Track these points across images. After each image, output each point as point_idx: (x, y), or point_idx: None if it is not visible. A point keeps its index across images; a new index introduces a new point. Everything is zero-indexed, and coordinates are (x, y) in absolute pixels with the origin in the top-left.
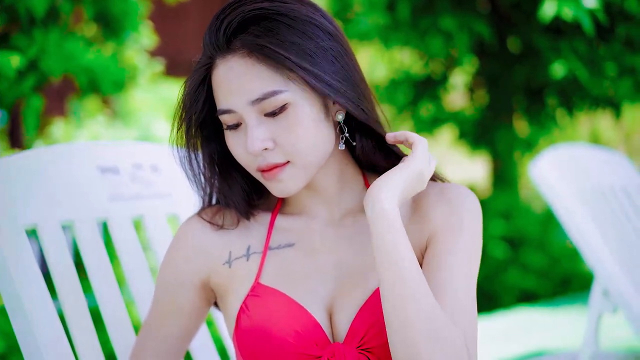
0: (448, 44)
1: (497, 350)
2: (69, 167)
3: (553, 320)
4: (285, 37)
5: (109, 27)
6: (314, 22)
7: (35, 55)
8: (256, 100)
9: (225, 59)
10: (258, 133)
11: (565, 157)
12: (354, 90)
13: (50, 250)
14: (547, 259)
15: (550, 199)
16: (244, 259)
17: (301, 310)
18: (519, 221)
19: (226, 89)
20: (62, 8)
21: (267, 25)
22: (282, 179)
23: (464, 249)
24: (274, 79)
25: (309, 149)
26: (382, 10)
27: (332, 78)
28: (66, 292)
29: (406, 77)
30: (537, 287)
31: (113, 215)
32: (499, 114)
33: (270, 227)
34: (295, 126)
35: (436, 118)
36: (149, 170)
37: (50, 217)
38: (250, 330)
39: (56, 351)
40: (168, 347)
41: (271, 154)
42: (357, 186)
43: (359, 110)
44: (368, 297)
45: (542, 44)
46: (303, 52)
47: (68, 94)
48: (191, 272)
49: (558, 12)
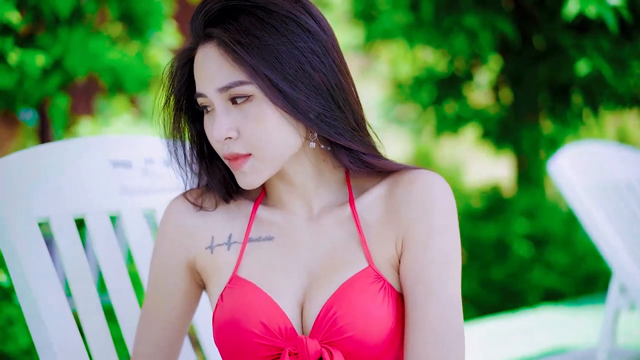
0: (471, 42)
1: (517, 348)
2: (82, 161)
3: (576, 318)
4: (256, 34)
5: (133, 27)
6: (293, 18)
7: (59, 55)
8: (222, 88)
9: (203, 45)
10: (223, 121)
11: (584, 154)
12: (319, 97)
13: (61, 242)
14: (572, 258)
15: (568, 195)
16: (225, 247)
17: (270, 302)
18: (544, 220)
19: (199, 74)
20: (87, 8)
21: (242, 20)
22: (244, 171)
23: (443, 255)
24: (240, 70)
25: (270, 143)
26: (406, 9)
27: (293, 85)
28: (78, 284)
29: (430, 75)
30: (562, 285)
31: (124, 208)
32: (524, 112)
33: (251, 217)
34: (257, 119)
35: (460, 116)
36: (161, 164)
37: (62, 210)
38: (223, 322)
39: (66, 340)
40: (166, 332)
41: (234, 144)
42: (335, 182)
43: (318, 121)
44: (334, 292)
45: (566, 42)
46: (270, 54)
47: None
48: (177, 254)
49: (582, 9)
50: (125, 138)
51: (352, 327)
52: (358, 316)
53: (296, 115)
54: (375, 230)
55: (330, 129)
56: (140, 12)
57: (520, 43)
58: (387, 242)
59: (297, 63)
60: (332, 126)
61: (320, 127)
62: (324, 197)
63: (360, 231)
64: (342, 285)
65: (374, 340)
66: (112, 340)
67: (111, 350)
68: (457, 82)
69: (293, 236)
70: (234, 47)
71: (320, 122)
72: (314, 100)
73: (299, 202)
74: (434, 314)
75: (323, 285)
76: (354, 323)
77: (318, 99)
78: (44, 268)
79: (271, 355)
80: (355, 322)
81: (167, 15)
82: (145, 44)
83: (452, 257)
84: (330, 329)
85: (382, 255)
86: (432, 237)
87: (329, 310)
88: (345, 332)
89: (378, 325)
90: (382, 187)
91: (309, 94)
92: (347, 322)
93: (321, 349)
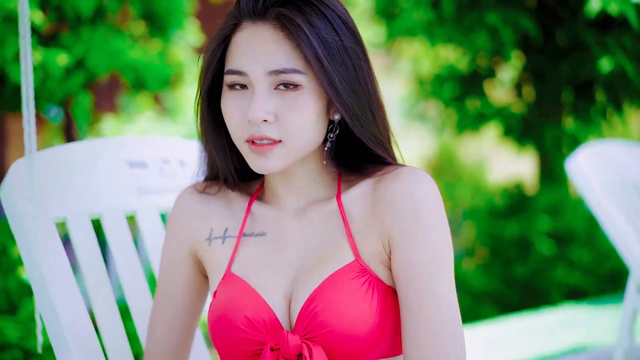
0: (493, 40)
1: (538, 346)
2: (98, 161)
3: (598, 317)
4: (317, 26)
5: (155, 25)
6: (343, 18)
7: (82, 54)
8: (275, 71)
9: (255, 24)
10: (264, 103)
11: (602, 152)
12: (358, 98)
13: (78, 242)
14: (595, 256)
15: (586, 194)
16: (220, 240)
17: (256, 298)
18: (567, 217)
19: (247, 52)
20: (109, 7)
21: (305, 8)
22: (268, 156)
23: (431, 255)
24: (297, 58)
25: (304, 134)
26: (427, 7)
27: (342, 83)
28: (94, 284)
29: (451, 73)
30: (585, 283)
31: (140, 208)
32: (546, 109)
33: (246, 213)
34: (300, 108)
35: (482, 114)
36: (177, 164)
37: (79, 210)
38: (215, 318)
39: (82, 338)
40: (175, 320)
41: (268, 128)
42: (328, 180)
43: (355, 121)
44: (317, 286)
45: (589, 39)
46: (328, 48)
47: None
48: (183, 243)
49: (604, 6)
50: (141, 139)
51: (331, 322)
52: (338, 310)
53: (342, 112)
54: (361, 224)
55: (363, 131)
56: (162, 11)
57: (543, 40)
58: (373, 237)
59: (347, 61)
60: (365, 129)
61: (355, 128)
62: (314, 193)
63: (346, 225)
64: (325, 279)
65: (356, 335)
66: (128, 338)
67: (126, 348)
68: (479, 80)
69: (282, 232)
70: (298, 33)
71: (357, 122)
72: (355, 101)
73: (292, 197)
74: (426, 316)
75: (309, 280)
76: (333, 318)
77: (357, 99)
78: (61, 267)
79: (255, 349)
80: (334, 316)
81: (189, 13)
82: (166, 43)
83: (442, 257)
84: (310, 323)
85: (369, 249)
86: (417, 238)
87: (310, 304)
88: (325, 327)
89: (359, 319)
90: (369, 183)
91: (353, 95)
92: (327, 316)
93: (301, 344)
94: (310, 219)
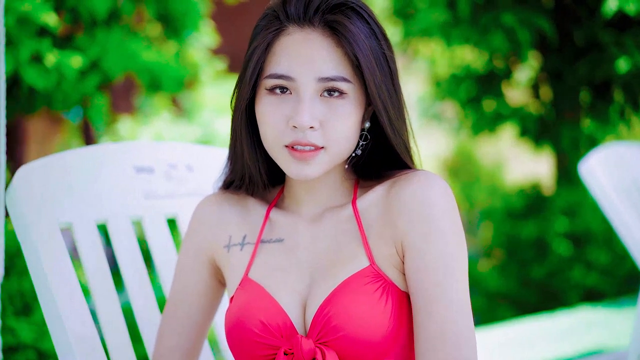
0: (510, 40)
1: (555, 348)
2: (105, 166)
3: (616, 319)
4: (366, 33)
5: (170, 27)
6: (378, 24)
7: (97, 56)
8: (325, 78)
9: (303, 29)
10: (312, 109)
11: (615, 155)
12: (395, 108)
13: (83, 248)
14: (612, 257)
15: (598, 196)
16: (239, 247)
17: (272, 302)
18: (585, 218)
19: (296, 57)
20: (124, 9)
21: (355, 18)
22: (310, 162)
23: (444, 260)
24: (346, 67)
25: (346, 142)
26: (443, 7)
27: (387, 92)
28: (99, 289)
29: (468, 73)
30: (602, 285)
31: (147, 213)
32: (563, 110)
33: (265, 219)
34: (344, 116)
35: (498, 114)
36: (184, 169)
37: (85, 216)
38: (231, 323)
39: (86, 343)
40: (186, 328)
41: (313, 134)
42: (346, 187)
43: (394, 130)
44: (331, 291)
45: (606, 39)
46: (376, 57)
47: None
48: (202, 249)
49: (621, 6)
50: (148, 144)
51: (345, 326)
52: (351, 315)
53: (384, 120)
54: (376, 229)
55: (396, 138)
56: (177, 13)
57: (560, 40)
58: (387, 242)
59: (387, 70)
60: (398, 136)
61: (390, 135)
62: (330, 200)
63: (361, 230)
64: (340, 284)
65: (370, 340)
66: (132, 343)
67: (130, 352)
68: (496, 80)
69: (298, 237)
70: (350, 42)
71: (394, 130)
72: (394, 109)
73: (311, 204)
74: (438, 321)
75: (323, 285)
76: (347, 322)
77: (395, 108)
78: (66, 273)
79: (269, 354)
80: (347, 321)
81: (204, 15)
82: (182, 44)
83: (455, 261)
84: (324, 327)
85: (384, 254)
86: (430, 242)
87: (324, 309)
88: (339, 331)
89: (372, 324)
90: (383, 187)
91: (392, 103)
92: (340, 321)
93: (315, 348)
94: (325, 225)
